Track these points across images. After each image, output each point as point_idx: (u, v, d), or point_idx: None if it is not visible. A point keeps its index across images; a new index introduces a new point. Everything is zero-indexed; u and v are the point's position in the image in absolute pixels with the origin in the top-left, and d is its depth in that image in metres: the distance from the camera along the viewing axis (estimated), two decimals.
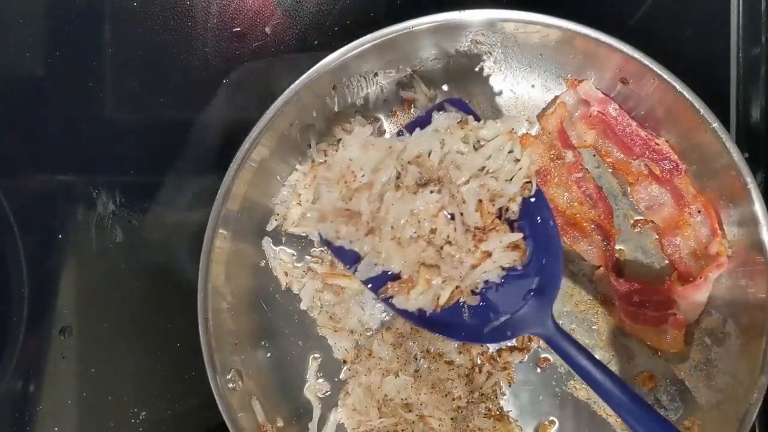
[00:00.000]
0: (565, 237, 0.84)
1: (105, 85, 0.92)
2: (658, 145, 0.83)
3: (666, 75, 0.76)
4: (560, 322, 0.83)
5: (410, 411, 0.81)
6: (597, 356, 0.80)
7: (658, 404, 0.83)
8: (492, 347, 0.84)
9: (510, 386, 0.85)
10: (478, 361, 0.83)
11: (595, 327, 0.85)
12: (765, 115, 0.89)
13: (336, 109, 0.86)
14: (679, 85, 0.76)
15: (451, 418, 0.81)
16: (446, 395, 0.81)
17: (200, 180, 0.89)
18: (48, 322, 0.90)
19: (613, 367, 0.84)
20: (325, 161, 0.81)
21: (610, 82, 0.83)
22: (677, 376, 0.83)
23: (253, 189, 0.82)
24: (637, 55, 0.77)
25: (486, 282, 0.72)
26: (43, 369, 0.90)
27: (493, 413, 0.83)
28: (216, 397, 0.78)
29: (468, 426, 0.82)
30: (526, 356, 0.85)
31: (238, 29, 0.92)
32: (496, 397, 0.84)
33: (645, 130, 0.83)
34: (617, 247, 0.85)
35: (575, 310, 0.85)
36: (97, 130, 0.92)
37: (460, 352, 0.83)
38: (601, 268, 0.84)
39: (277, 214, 0.87)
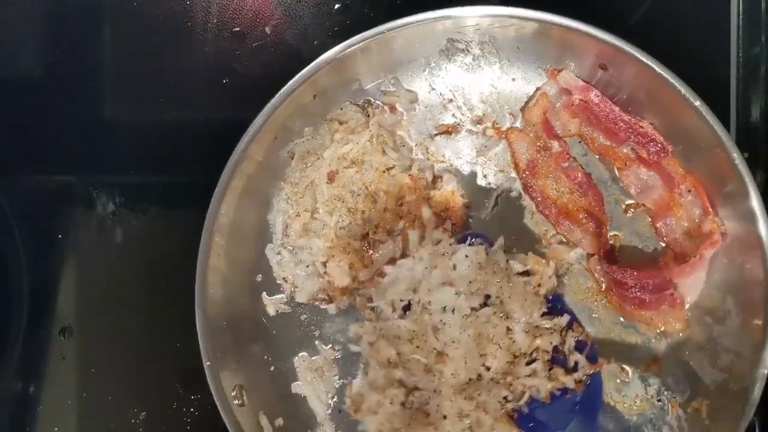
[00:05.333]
0: (558, 227, 0.84)
1: (105, 85, 0.92)
2: (642, 128, 0.83)
3: (645, 58, 0.77)
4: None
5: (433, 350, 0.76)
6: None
7: (665, 387, 0.82)
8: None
9: (541, 405, 0.79)
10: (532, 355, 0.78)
11: (595, 315, 0.85)
12: (765, 115, 0.89)
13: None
14: (658, 67, 0.77)
15: (469, 379, 0.75)
16: (482, 355, 0.75)
17: (200, 180, 0.89)
18: (48, 323, 0.90)
19: (618, 354, 0.83)
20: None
21: (590, 70, 0.83)
22: (682, 358, 0.82)
23: (246, 201, 0.83)
24: (614, 40, 0.77)
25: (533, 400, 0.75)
26: (43, 369, 0.90)
27: (505, 409, 0.77)
28: (223, 415, 0.77)
29: (474, 396, 0.75)
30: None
31: (238, 29, 0.92)
32: (519, 400, 0.78)
33: (629, 115, 0.83)
34: (611, 232, 0.85)
35: (574, 299, 0.85)
36: (97, 130, 0.92)
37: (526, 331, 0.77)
38: (596, 256, 0.84)
39: (273, 228, 0.86)
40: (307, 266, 0.85)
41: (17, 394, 0.90)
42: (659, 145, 0.82)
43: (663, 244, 0.84)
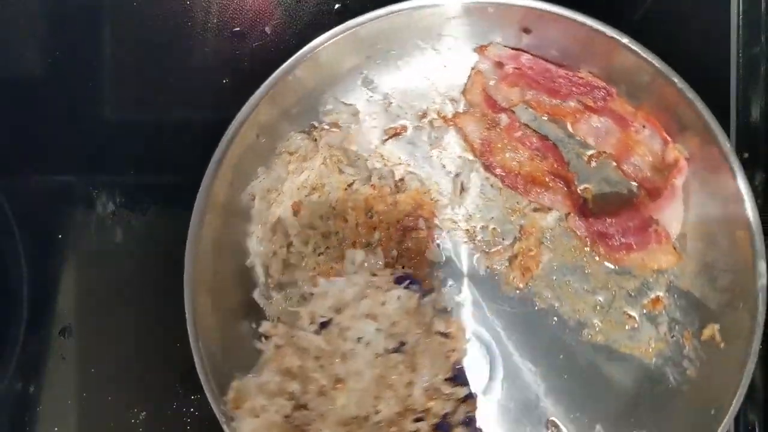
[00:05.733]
0: (528, 196, 0.85)
1: (105, 85, 0.92)
2: (582, 78, 0.83)
3: (564, 12, 0.78)
4: (553, 278, 0.85)
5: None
6: (600, 298, 0.84)
7: (674, 323, 0.83)
8: None
9: None
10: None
11: (588, 271, 0.85)
12: (765, 115, 0.89)
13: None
14: (578, 17, 0.77)
15: (357, 415, 0.73)
16: (376, 397, 0.73)
17: (200, 180, 0.89)
18: (48, 323, 0.90)
19: (620, 300, 0.84)
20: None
21: (517, 37, 0.84)
22: (682, 289, 0.83)
23: (221, 252, 0.83)
24: (531, 3, 0.78)
25: None
26: (43, 369, 0.90)
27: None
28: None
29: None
30: None
31: (238, 29, 0.92)
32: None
33: (564, 69, 0.84)
34: (581, 186, 0.86)
35: (564, 261, 0.85)
36: (97, 130, 0.92)
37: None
38: (572, 214, 0.84)
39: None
40: (297, 300, 0.85)
41: (17, 394, 0.90)
42: (602, 90, 0.83)
43: (634, 185, 0.85)
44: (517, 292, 0.86)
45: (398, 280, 0.77)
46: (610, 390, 0.84)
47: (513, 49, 0.84)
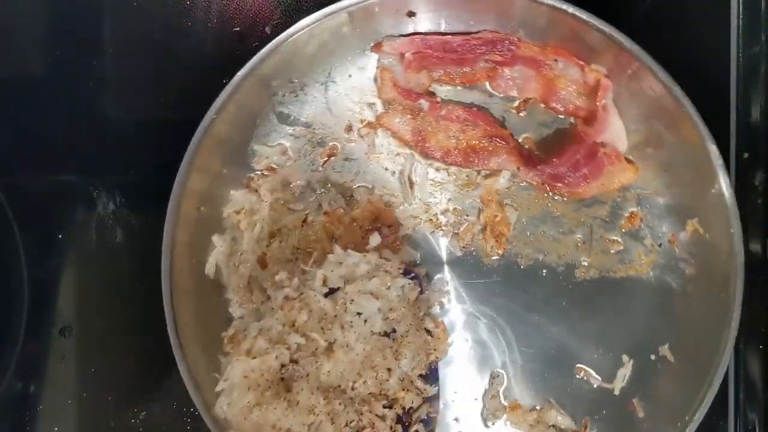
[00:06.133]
0: (474, 166, 0.86)
1: (105, 85, 0.92)
2: (479, 38, 0.84)
3: None
4: (527, 233, 0.86)
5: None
6: (579, 235, 0.86)
7: (656, 231, 0.85)
8: None
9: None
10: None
11: (558, 214, 0.87)
12: (765, 115, 0.89)
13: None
14: None
15: (338, 385, 0.76)
16: (358, 373, 0.77)
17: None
18: (48, 322, 0.90)
19: (598, 230, 0.86)
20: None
21: (406, 23, 0.85)
22: (652, 196, 0.85)
23: (205, 326, 0.83)
24: None
25: None
26: (43, 369, 0.90)
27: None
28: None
29: (332, 401, 0.75)
30: None
31: (238, 29, 0.92)
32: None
33: (460, 35, 0.85)
34: (520, 138, 0.87)
35: (531, 214, 0.87)
36: (97, 130, 0.92)
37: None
38: (521, 168, 0.85)
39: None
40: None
41: (17, 393, 0.90)
42: (504, 41, 0.84)
43: (569, 118, 0.86)
44: (499, 259, 0.87)
45: (405, 272, 0.80)
46: (621, 318, 0.85)
47: (405, 36, 0.86)
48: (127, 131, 0.92)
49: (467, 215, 0.87)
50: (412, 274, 0.82)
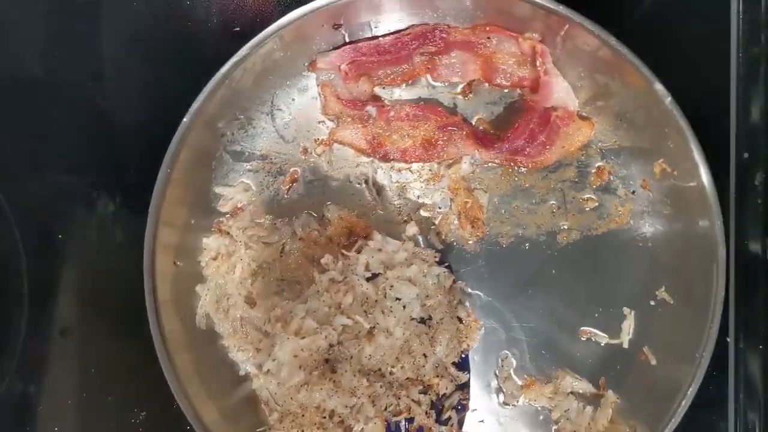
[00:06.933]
0: (435, 158, 0.87)
1: (105, 85, 0.92)
2: (408, 33, 0.85)
3: None
4: (502, 212, 0.87)
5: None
6: (552, 201, 0.87)
7: (626, 180, 0.86)
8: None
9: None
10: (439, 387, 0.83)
11: (526, 186, 0.88)
12: (765, 115, 0.89)
13: None
14: None
15: (378, 369, 0.79)
16: (397, 358, 0.80)
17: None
18: (48, 323, 0.90)
19: (569, 192, 0.87)
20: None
21: (335, 36, 0.86)
22: (614, 147, 0.87)
23: (204, 376, 0.84)
24: (322, 5, 0.80)
25: None
26: (44, 369, 0.90)
27: (385, 415, 0.79)
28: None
29: (373, 384, 0.78)
30: None
31: (238, 29, 0.91)
32: (395, 415, 0.80)
33: (390, 35, 0.86)
34: (473, 121, 0.88)
35: (502, 192, 0.88)
36: (97, 130, 0.92)
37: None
38: (479, 150, 0.86)
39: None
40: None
41: (18, 394, 0.90)
42: (434, 31, 0.85)
43: (515, 91, 0.88)
44: (480, 243, 0.87)
45: (439, 262, 0.83)
46: (612, 272, 0.87)
47: (337, 48, 0.86)
48: (127, 131, 0.92)
49: (440, 208, 0.88)
50: (447, 264, 0.84)
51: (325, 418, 0.76)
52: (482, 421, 0.86)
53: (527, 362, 0.87)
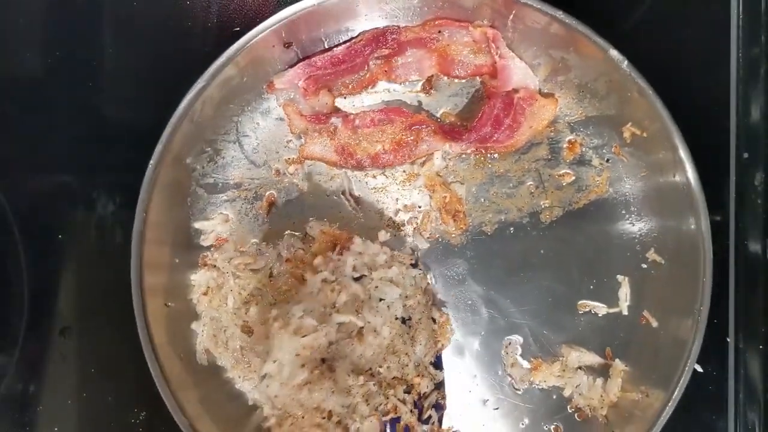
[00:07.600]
0: (407, 159, 0.87)
1: (105, 85, 0.92)
2: (359, 39, 0.86)
3: (293, 10, 0.81)
4: (481, 200, 0.88)
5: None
6: (529, 182, 0.88)
7: (598, 149, 0.87)
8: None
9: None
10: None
11: (501, 171, 0.88)
12: (765, 115, 0.89)
13: None
14: (304, 5, 0.81)
15: (369, 368, 0.81)
16: (384, 357, 0.81)
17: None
18: (48, 323, 0.90)
19: (545, 170, 0.88)
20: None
21: (288, 55, 0.86)
22: (581, 119, 0.87)
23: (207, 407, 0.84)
24: (267, 26, 0.81)
25: None
26: (44, 369, 0.90)
27: (376, 414, 0.81)
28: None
29: (367, 384, 0.79)
30: None
31: (238, 29, 0.91)
32: (384, 415, 0.81)
33: (342, 45, 0.86)
34: (438, 115, 0.89)
35: (478, 182, 0.88)
36: (97, 130, 0.92)
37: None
38: (449, 144, 0.86)
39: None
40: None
41: (18, 394, 0.90)
42: (385, 33, 0.86)
43: (475, 80, 0.88)
44: (465, 235, 0.88)
45: (413, 264, 0.85)
46: (600, 243, 0.87)
47: (292, 66, 0.86)
48: (127, 131, 0.92)
49: (419, 207, 0.88)
50: (420, 267, 0.85)
51: (324, 418, 0.76)
52: (497, 408, 0.87)
53: (531, 345, 0.87)
